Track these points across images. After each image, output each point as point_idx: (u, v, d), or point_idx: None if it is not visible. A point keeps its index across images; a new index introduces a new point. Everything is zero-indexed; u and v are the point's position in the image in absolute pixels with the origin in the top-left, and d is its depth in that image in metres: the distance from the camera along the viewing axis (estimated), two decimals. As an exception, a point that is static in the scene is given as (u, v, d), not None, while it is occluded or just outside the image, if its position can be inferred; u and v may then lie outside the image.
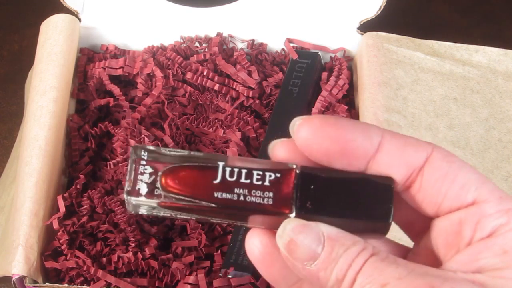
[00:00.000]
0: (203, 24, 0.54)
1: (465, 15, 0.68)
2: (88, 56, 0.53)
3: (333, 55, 0.54)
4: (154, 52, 0.53)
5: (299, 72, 0.51)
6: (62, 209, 0.43)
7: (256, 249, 0.24)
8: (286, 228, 0.22)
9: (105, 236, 0.44)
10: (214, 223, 0.46)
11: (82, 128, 0.49)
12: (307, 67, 0.52)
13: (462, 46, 0.52)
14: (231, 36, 0.54)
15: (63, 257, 0.43)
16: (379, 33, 0.52)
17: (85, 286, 0.41)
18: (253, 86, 0.51)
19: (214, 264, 0.43)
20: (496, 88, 0.51)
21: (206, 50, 0.53)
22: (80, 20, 0.53)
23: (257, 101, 0.51)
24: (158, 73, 0.50)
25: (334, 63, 0.53)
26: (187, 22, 0.53)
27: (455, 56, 0.52)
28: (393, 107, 0.48)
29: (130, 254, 0.42)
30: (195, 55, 0.53)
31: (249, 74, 0.51)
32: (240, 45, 0.55)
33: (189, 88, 0.51)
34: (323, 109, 0.49)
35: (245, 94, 0.50)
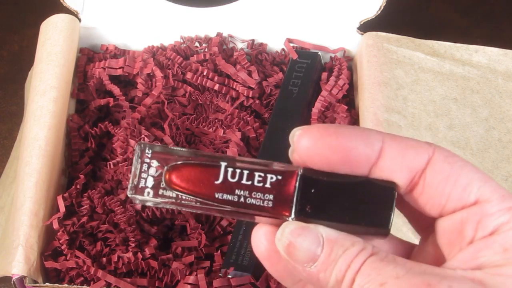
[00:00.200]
0: (203, 24, 0.54)
1: (465, 15, 0.68)
2: (88, 56, 0.53)
3: (333, 55, 0.54)
4: (154, 52, 0.53)
5: (299, 72, 0.51)
6: (62, 209, 0.43)
7: (262, 245, 0.24)
8: (284, 231, 0.22)
9: (105, 236, 0.44)
10: (215, 223, 0.46)
11: (82, 128, 0.49)
12: (307, 67, 0.52)
13: (462, 46, 0.52)
14: (231, 36, 0.54)
15: (63, 257, 0.43)
16: (379, 33, 0.52)
17: (85, 286, 0.41)
18: (253, 86, 0.51)
19: (214, 264, 0.43)
20: (496, 88, 0.51)
21: (206, 50, 0.53)
22: (80, 20, 0.53)
23: (257, 101, 0.51)
24: (158, 73, 0.50)
25: (334, 63, 0.53)
26: (187, 22, 0.53)
27: (455, 56, 0.52)
28: (393, 107, 0.48)
29: (130, 254, 0.42)
30: (195, 55, 0.52)
31: (249, 74, 0.51)
32: (240, 45, 0.55)
33: (189, 88, 0.51)
34: (323, 109, 0.49)
35: (245, 94, 0.50)
